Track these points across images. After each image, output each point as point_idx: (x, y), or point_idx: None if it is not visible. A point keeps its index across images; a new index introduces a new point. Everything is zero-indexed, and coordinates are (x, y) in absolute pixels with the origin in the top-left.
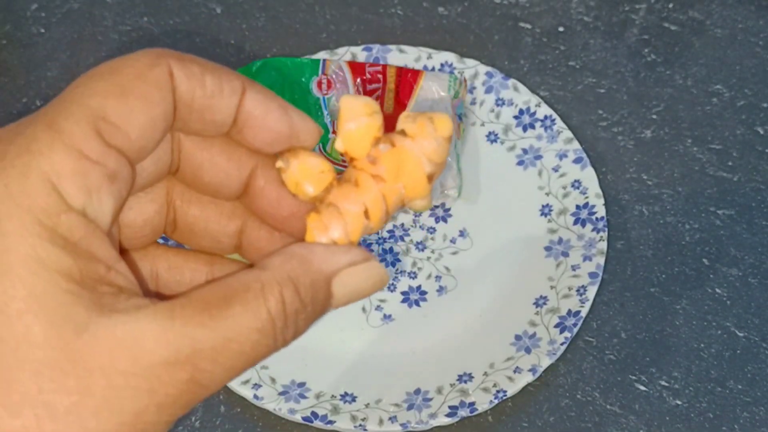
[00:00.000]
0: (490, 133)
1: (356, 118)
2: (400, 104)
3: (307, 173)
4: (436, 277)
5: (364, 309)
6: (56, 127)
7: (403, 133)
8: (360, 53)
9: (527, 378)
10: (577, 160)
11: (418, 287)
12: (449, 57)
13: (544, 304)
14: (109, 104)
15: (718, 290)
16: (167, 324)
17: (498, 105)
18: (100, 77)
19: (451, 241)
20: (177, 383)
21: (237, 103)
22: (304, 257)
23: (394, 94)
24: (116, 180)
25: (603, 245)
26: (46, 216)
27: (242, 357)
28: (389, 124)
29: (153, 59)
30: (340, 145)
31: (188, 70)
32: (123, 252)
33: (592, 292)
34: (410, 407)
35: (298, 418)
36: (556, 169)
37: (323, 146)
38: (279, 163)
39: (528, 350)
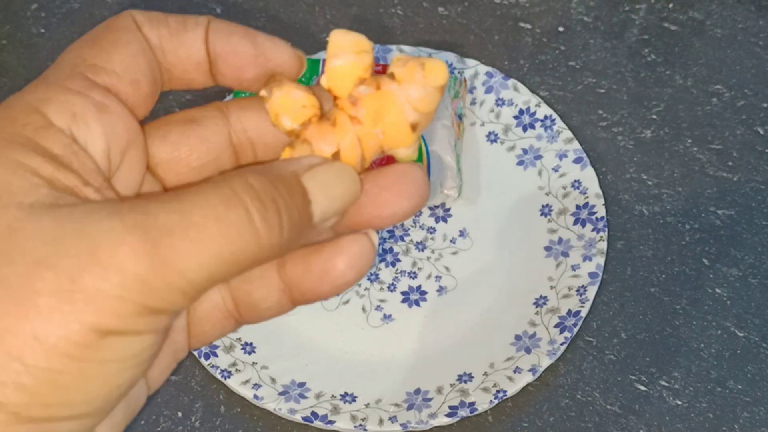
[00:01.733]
0: (490, 133)
1: (343, 54)
2: None
3: (287, 105)
4: (436, 277)
5: (364, 309)
6: (42, 77)
7: (391, 76)
8: None
9: (527, 378)
10: (577, 160)
11: (418, 287)
12: (449, 57)
13: (544, 304)
14: (86, 51)
15: (718, 290)
16: (115, 202)
17: (498, 105)
18: (76, 41)
19: (451, 241)
20: (127, 248)
21: (203, 35)
22: (268, 164)
23: None
24: (106, 111)
25: (603, 245)
26: (27, 129)
27: (210, 230)
28: None
29: (116, 15)
30: (324, 81)
31: (150, 15)
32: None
33: (592, 292)
34: (410, 407)
35: (298, 418)
36: (556, 169)
37: None
38: (262, 92)
39: (528, 350)
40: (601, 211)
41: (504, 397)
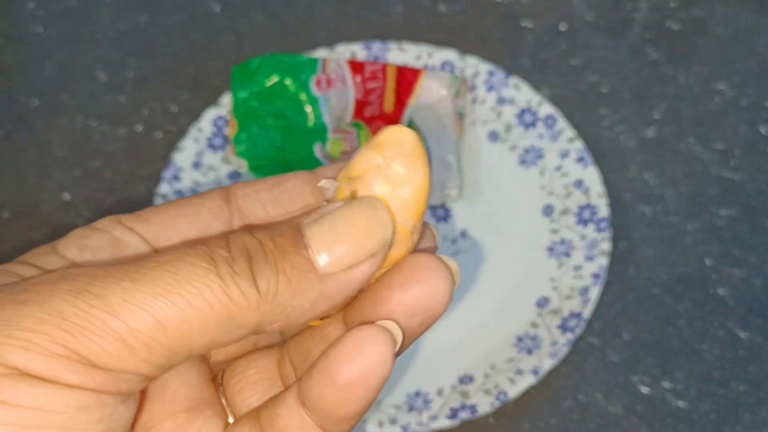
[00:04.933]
0: (491, 132)
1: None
2: (401, 103)
3: None
4: None
5: None
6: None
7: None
8: (360, 51)
9: (529, 380)
10: (580, 160)
11: None
12: (450, 55)
13: (546, 305)
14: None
15: (720, 291)
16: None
17: (499, 104)
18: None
19: (452, 241)
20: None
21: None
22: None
23: (395, 93)
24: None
25: (605, 246)
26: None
27: (177, 291)
28: (391, 123)
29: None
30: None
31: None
32: None
33: (594, 293)
34: (410, 409)
35: None
36: (558, 169)
37: (323, 145)
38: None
39: (530, 351)
40: (603, 211)
41: (505, 399)
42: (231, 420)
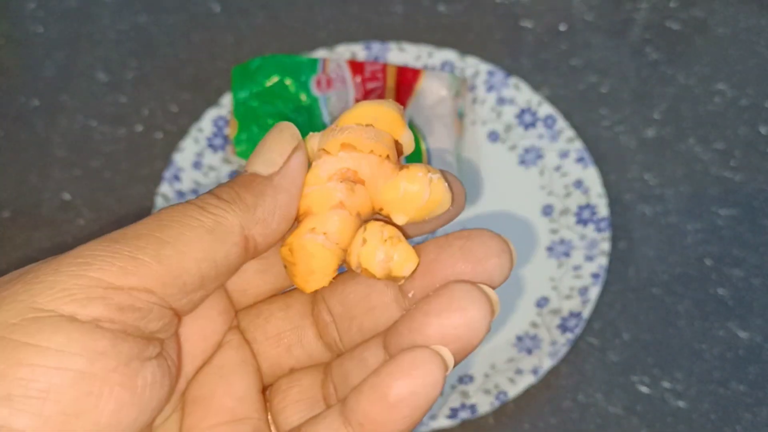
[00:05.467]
0: (491, 132)
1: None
2: (401, 103)
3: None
4: None
5: None
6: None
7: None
8: (360, 51)
9: (529, 379)
10: (579, 160)
11: None
12: (450, 55)
13: (546, 304)
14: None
15: (720, 291)
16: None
17: (499, 104)
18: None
19: None
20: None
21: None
22: None
23: (395, 93)
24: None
25: (605, 245)
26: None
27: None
28: None
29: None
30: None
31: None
32: None
33: (594, 293)
34: None
35: None
36: (557, 169)
37: None
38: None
39: (529, 351)
40: (603, 211)
41: (505, 399)
42: None
